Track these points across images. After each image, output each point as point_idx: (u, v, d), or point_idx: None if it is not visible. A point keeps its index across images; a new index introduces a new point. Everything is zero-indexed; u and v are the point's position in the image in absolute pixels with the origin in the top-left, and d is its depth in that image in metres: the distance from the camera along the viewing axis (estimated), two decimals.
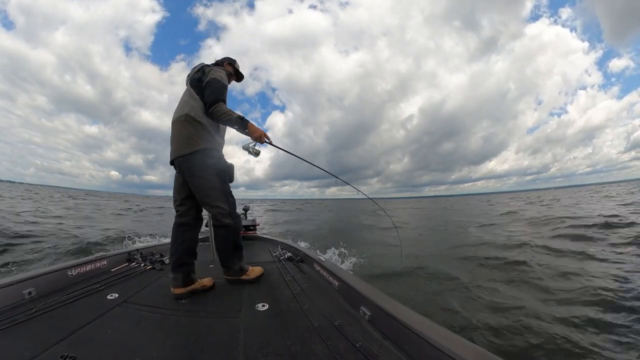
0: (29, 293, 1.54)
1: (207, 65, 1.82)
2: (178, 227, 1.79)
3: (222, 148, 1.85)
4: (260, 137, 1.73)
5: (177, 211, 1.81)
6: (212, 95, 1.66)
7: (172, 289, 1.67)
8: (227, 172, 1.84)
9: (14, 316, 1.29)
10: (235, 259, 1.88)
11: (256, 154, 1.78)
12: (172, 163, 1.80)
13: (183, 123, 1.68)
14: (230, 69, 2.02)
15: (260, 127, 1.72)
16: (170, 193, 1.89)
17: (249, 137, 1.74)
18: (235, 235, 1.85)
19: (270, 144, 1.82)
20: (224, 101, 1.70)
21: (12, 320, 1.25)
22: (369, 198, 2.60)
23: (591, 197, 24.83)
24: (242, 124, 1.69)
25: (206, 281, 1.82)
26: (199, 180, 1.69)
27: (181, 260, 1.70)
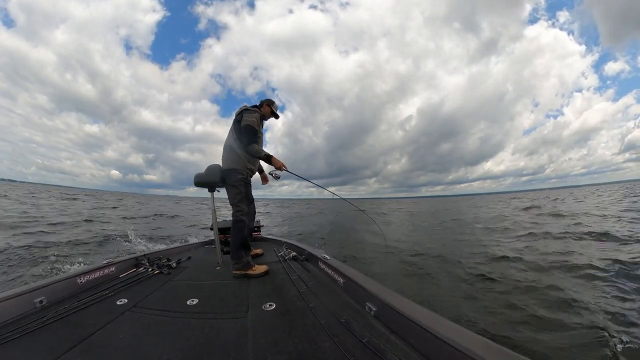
0: (40, 302, 1.56)
1: (247, 110, 2.46)
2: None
3: (249, 170, 2.54)
4: (280, 167, 2.43)
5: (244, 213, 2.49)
6: (246, 139, 2.36)
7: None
8: (249, 185, 2.56)
9: (26, 325, 1.31)
10: (243, 252, 2.32)
11: (277, 178, 2.52)
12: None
13: (227, 150, 2.48)
14: (267, 110, 2.64)
15: (280, 160, 2.42)
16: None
17: (272, 167, 2.46)
18: (247, 230, 2.41)
19: (287, 171, 2.50)
20: (256, 142, 2.39)
21: (24, 329, 1.27)
22: (343, 199, 3.19)
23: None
24: (268, 159, 2.41)
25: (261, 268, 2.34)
26: (231, 188, 2.43)
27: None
